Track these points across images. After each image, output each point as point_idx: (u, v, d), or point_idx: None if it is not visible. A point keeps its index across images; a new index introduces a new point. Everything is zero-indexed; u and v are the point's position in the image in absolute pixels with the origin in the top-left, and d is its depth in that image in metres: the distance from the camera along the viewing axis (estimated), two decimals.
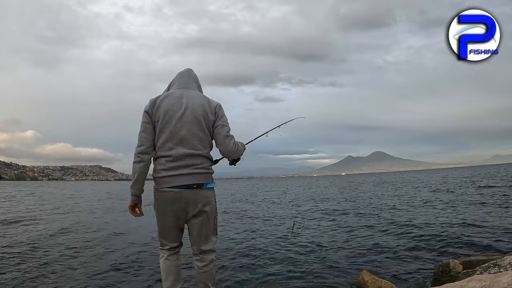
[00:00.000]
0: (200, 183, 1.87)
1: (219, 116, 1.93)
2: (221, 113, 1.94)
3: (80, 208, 13.21)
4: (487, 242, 5.11)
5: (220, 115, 1.94)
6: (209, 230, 1.98)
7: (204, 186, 1.90)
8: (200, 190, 1.88)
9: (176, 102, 1.87)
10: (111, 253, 5.16)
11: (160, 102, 1.87)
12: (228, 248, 5.48)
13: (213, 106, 1.93)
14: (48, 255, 4.99)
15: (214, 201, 2.00)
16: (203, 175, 1.89)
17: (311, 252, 5.10)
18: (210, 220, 1.96)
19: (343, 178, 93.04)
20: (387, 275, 3.87)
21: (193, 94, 1.95)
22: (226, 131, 1.92)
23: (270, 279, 3.88)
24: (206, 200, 1.92)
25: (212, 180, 1.96)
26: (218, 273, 4.11)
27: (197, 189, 1.86)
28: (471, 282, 2.12)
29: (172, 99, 1.88)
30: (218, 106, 1.95)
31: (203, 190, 1.89)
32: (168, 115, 1.85)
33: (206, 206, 1.92)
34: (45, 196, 22.41)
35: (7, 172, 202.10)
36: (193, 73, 2.10)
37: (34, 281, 3.77)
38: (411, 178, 45.28)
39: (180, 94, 1.91)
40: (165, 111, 1.85)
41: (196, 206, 1.88)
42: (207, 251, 1.98)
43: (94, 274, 4.02)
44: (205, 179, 1.90)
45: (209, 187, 1.94)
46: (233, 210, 12.05)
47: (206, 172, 1.91)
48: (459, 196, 12.98)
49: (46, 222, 8.84)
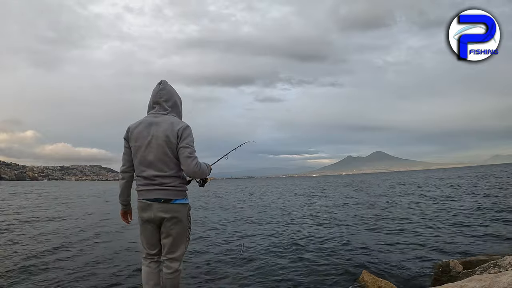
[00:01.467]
0: (169, 198, 2.10)
1: (181, 138, 2.06)
2: (184, 135, 2.06)
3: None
4: (486, 242, 5.11)
5: (183, 137, 2.06)
6: (177, 241, 2.17)
7: (173, 202, 2.11)
8: (168, 204, 2.10)
9: (144, 130, 2.11)
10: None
11: (133, 130, 2.15)
12: (229, 249, 5.48)
13: (176, 129, 2.07)
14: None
15: (185, 215, 2.18)
16: (172, 192, 2.11)
17: (311, 252, 5.10)
18: (179, 231, 2.16)
19: (344, 178, 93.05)
20: (387, 275, 3.87)
21: (160, 120, 2.13)
22: (188, 152, 2.04)
23: (270, 279, 3.88)
24: (175, 213, 2.12)
25: (183, 197, 2.17)
26: (221, 273, 4.12)
27: (165, 203, 2.10)
28: (471, 282, 2.12)
29: (142, 128, 2.13)
30: (181, 129, 2.07)
31: (171, 204, 2.11)
32: (138, 142, 2.12)
33: (175, 218, 2.12)
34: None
35: (7, 172, 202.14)
36: (164, 91, 2.20)
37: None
38: (412, 178, 45.26)
39: (149, 122, 2.13)
40: (135, 138, 2.13)
41: (168, 218, 2.11)
42: (172, 259, 2.17)
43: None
44: (175, 195, 2.12)
45: (178, 203, 2.13)
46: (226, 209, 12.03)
47: (175, 189, 2.12)
48: (459, 196, 12.99)
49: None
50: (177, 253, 2.18)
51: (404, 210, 9.87)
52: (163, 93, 2.19)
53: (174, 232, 2.14)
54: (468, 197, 12.16)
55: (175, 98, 2.24)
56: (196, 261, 4.71)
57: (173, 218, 2.12)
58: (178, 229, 2.15)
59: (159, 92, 2.19)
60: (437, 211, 9.11)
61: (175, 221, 2.13)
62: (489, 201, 10.26)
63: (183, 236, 2.19)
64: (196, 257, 4.94)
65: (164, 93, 2.19)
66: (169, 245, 2.15)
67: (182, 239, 2.19)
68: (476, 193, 13.47)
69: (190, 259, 4.74)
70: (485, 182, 20.23)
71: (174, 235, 2.14)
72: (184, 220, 2.18)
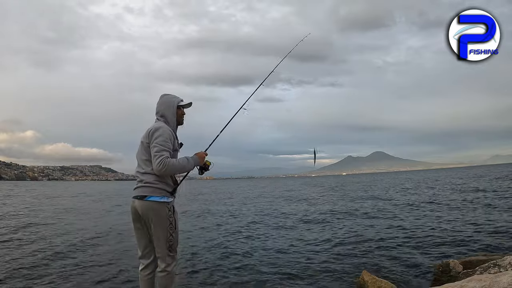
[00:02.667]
0: (144, 195, 2.18)
1: (152, 139, 2.18)
2: (154, 136, 2.18)
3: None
4: (486, 242, 5.11)
5: (153, 138, 2.18)
6: (157, 240, 2.20)
7: (147, 198, 2.16)
8: (144, 201, 2.17)
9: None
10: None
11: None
12: (227, 248, 5.48)
13: (149, 130, 2.24)
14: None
15: (164, 214, 2.19)
16: (148, 189, 2.18)
17: (311, 253, 5.11)
18: (157, 230, 2.18)
19: (344, 178, 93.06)
20: (387, 275, 3.87)
21: (152, 125, 2.31)
22: (155, 151, 2.14)
23: (269, 280, 3.89)
24: (152, 211, 2.17)
25: (160, 195, 2.19)
26: (219, 275, 4.12)
27: (141, 200, 2.18)
28: (471, 282, 2.12)
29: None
30: (152, 130, 2.21)
31: (146, 201, 2.17)
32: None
33: (153, 217, 2.17)
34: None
35: (7, 172, 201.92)
36: (160, 101, 2.40)
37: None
38: (412, 178, 45.25)
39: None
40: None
41: (144, 215, 2.18)
42: (158, 257, 2.24)
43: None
44: (150, 192, 2.18)
45: (152, 200, 2.17)
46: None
47: (151, 187, 2.18)
48: (459, 196, 12.98)
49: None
50: (160, 253, 2.22)
51: (403, 210, 9.86)
52: (160, 101, 2.40)
53: (152, 230, 2.19)
54: (468, 198, 12.15)
55: (164, 108, 2.37)
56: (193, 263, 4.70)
57: (153, 216, 2.16)
58: (156, 228, 2.18)
59: (160, 100, 2.41)
60: (437, 211, 9.11)
61: (151, 219, 2.17)
62: (489, 201, 10.26)
63: (162, 236, 2.19)
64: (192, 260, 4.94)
65: (160, 102, 2.40)
66: (155, 245, 2.23)
67: (160, 239, 2.19)
68: (476, 193, 13.47)
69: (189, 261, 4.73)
70: (485, 182, 20.22)
71: (153, 233, 2.20)
72: (162, 220, 2.18)
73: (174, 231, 2.24)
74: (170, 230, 2.22)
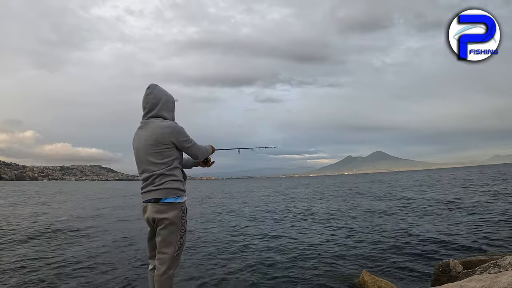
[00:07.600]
0: (158, 197, 2.10)
1: (180, 138, 2.15)
2: (180, 135, 2.16)
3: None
4: (486, 242, 5.11)
5: (181, 137, 2.16)
6: (167, 243, 2.12)
7: (162, 201, 2.10)
8: (158, 205, 2.10)
9: (137, 135, 2.21)
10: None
11: (134, 136, 2.25)
12: (225, 247, 5.48)
13: (166, 132, 2.12)
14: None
15: (177, 217, 2.13)
16: (161, 191, 2.10)
17: (311, 253, 5.11)
18: (170, 233, 2.11)
19: (345, 178, 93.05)
20: (387, 275, 3.87)
21: (150, 125, 2.16)
22: (188, 144, 2.21)
23: (269, 280, 3.89)
24: (166, 214, 2.10)
25: (174, 196, 2.12)
26: (220, 273, 4.12)
27: (155, 203, 2.10)
28: (471, 282, 2.12)
29: (136, 134, 2.23)
30: (174, 132, 2.13)
31: (160, 205, 2.10)
32: (134, 147, 2.22)
33: (165, 219, 2.09)
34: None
35: (7, 172, 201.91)
36: (151, 95, 2.19)
37: None
38: (413, 178, 45.26)
39: (141, 127, 2.21)
40: (133, 143, 2.25)
41: (156, 218, 2.10)
42: (159, 260, 2.13)
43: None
44: (165, 194, 2.10)
45: (167, 202, 2.10)
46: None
47: (165, 188, 2.11)
48: (459, 196, 12.98)
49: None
50: (167, 256, 2.11)
51: (403, 210, 9.87)
52: (151, 96, 2.18)
53: (166, 233, 2.10)
54: (468, 198, 12.15)
55: (162, 101, 2.21)
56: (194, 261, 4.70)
57: (165, 219, 2.08)
58: (168, 230, 2.10)
59: (149, 93, 2.19)
60: (436, 211, 9.11)
61: (164, 222, 2.09)
62: (488, 201, 10.26)
63: (173, 238, 2.11)
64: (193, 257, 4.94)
65: (151, 96, 2.18)
66: (160, 246, 2.12)
67: (171, 242, 2.11)
68: (476, 193, 13.47)
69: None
70: (485, 182, 20.21)
71: (165, 235, 2.11)
72: (175, 223, 2.11)
73: (184, 233, 2.18)
74: (181, 232, 2.15)
